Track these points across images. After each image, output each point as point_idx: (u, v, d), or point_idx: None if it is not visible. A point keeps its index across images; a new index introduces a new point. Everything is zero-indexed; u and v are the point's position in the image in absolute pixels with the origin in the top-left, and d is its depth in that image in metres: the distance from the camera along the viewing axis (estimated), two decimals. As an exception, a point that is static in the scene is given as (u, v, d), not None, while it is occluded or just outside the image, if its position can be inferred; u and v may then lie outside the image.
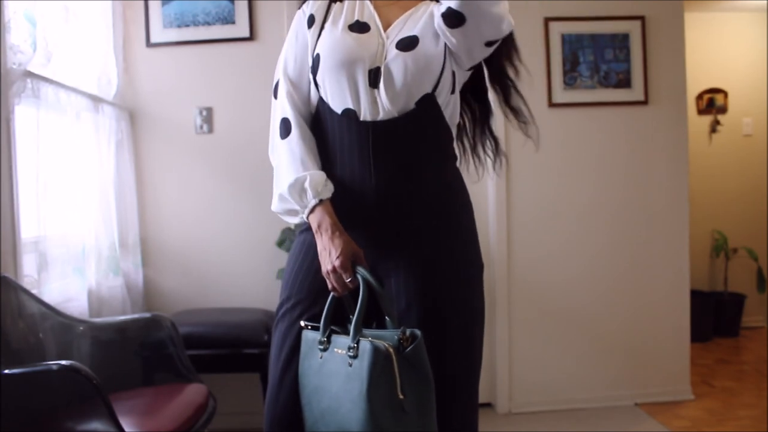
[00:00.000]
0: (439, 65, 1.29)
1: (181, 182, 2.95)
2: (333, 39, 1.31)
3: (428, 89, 1.29)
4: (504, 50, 1.37)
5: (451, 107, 1.36)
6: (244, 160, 2.94)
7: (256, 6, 2.94)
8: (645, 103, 3.09)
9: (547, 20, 3.03)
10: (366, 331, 1.19)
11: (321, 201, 1.27)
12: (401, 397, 1.12)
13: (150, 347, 2.11)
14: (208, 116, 2.95)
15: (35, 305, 1.92)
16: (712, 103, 4.50)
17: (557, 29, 3.04)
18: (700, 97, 4.49)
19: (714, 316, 4.24)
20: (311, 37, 1.36)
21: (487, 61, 1.38)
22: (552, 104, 3.05)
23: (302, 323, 1.29)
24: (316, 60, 1.32)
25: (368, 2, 1.38)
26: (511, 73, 1.41)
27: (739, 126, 4.54)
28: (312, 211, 1.27)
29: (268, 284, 2.88)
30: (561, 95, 3.06)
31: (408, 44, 1.29)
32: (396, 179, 1.29)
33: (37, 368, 1.54)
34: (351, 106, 1.29)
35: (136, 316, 2.32)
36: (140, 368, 2.12)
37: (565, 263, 3.08)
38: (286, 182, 1.28)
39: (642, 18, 3.07)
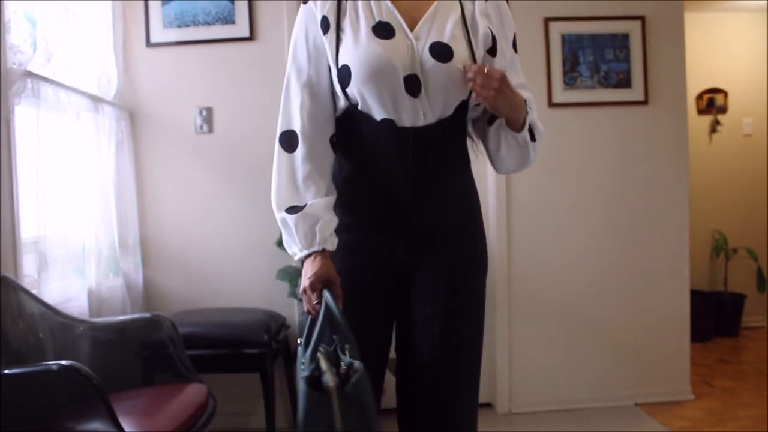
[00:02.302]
0: None
1: (181, 182, 2.95)
2: (360, 49, 1.26)
3: (465, 96, 1.30)
4: None
5: (476, 112, 1.38)
6: (244, 160, 2.93)
7: (256, 6, 2.94)
8: (645, 103, 3.09)
9: (547, 20, 3.03)
10: (343, 358, 1.18)
11: (323, 250, 1.26)
12: None
13: (150, 347, 2.11)
14: (208, 116, 2.95)
15: (35, 305, 1.92)
16: (712, 103, 4.50)
17: (557, 29, 3.04)
18: (700, 97, 4.49)
19: (714, 316, 4.24)
20: (329, 44, 1.30)
21: None
22: (552, 104, 3.05)
23: (298, 340, 1.29)
24: (345, 72, 1.27)
25: None
26: None
27: (739, 126, 4.54)
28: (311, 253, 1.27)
29: (268, 284, 2.88)
30: (561, 95, 3.06)
31: (443, 54, 1.26)
32: (430, 182, 1.32)
33: (37, 368, 1.55)
34: (390, 116, 1.28)
35: (136, 316, 2.33)
36: (140, 368, 2.12)
37: (565, 263, 3.08)
38: (288, 203, 1.29)
39: (642, 18, 3.07)
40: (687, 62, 3.12)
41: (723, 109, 4.51)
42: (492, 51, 1.33)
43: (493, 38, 1.32)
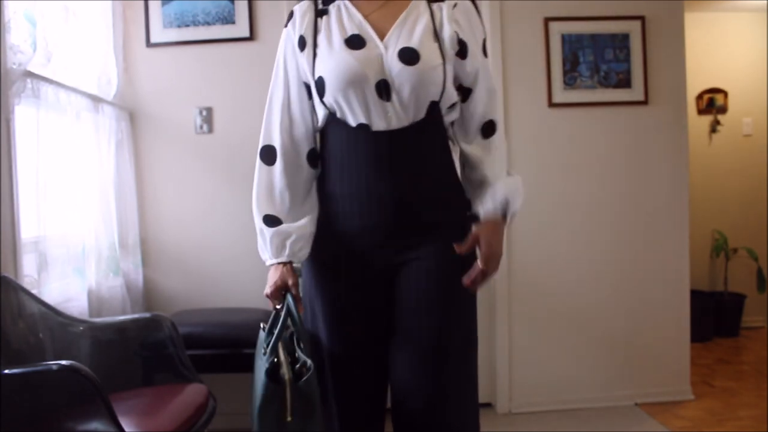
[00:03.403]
0: (441, 75, 1.35)
1: (181, 182, 2.95)
2: (334, 60, 1.35)
3: (435, 98, 1.35)
4: None
5: (453, 114, 1.44)
6: (244, 159, 2.93)
7: (256, 6, 2.94)
8: (645, 103, 3.09)
9: (547, 20, 3.02)
10: (300, 355, 1.33)
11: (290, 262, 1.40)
12: (289, 419, 1.29)
13: (150, 347, 2.11)
14: (208, 116, 2.95)
15: (35, 305, 1.92)
16: (712, 103, 4.50)
17: (557, 29, 3.03)
18: (700, 97, 4.49)
19: (714, 316, 4.23)
20: (306, 60, 1.39)
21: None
22: (552, 104, 3.05)
23: (262, 325, 1.45)
24: (320, 83, 1.36)
25: (354, 11, 1.40)
26: None
27: (739, 126, 4.54)
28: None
29: (268, 284, 2.88)
30: (561, 95, 3.06)
31: (411, 58, 1.33)
32: (409, 183, 1.36)
33: (37, 368, 1.54)
34: (364, 121, 1.34)
35: (136, 316, 2.32)
36: (140, 368, 2.12)
37: (565, 263, 3.08)
38: (265, 211, 1.44)
39: (642, 18, 3.07)
40: (687, 62, 3.12)
41: (723, 109, 4.51)
42: (462, 54, 1.39)
43: (462, 42, 1.38)
